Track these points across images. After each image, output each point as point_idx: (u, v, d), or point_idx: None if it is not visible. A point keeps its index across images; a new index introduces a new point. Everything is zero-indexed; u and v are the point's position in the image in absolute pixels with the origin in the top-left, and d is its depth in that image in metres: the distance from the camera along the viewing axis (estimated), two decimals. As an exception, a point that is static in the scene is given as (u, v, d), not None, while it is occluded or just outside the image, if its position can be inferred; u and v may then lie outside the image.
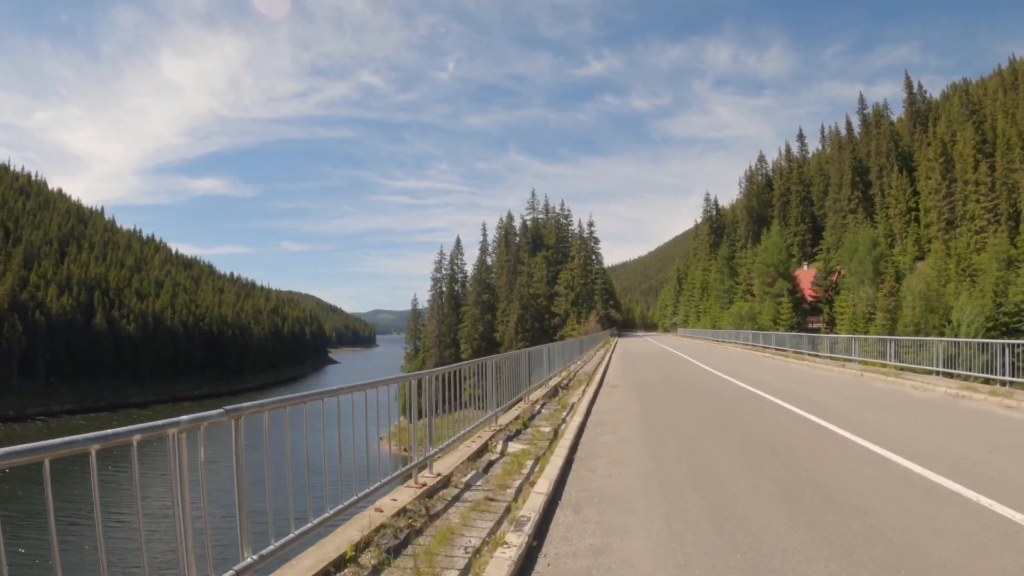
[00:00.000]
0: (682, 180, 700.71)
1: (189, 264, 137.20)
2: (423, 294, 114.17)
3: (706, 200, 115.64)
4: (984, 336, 34.49)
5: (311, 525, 3.96)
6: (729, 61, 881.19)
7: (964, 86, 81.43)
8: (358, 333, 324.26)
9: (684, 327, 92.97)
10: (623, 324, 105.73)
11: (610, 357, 31.06)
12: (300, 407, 4.13)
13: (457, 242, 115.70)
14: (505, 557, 4.16)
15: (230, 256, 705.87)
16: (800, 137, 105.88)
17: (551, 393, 14.26)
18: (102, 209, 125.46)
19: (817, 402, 12.59)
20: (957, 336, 33.07)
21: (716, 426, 10.01)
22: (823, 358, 26.02)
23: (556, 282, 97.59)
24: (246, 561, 3.27)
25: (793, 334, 38.24)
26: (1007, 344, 13.83)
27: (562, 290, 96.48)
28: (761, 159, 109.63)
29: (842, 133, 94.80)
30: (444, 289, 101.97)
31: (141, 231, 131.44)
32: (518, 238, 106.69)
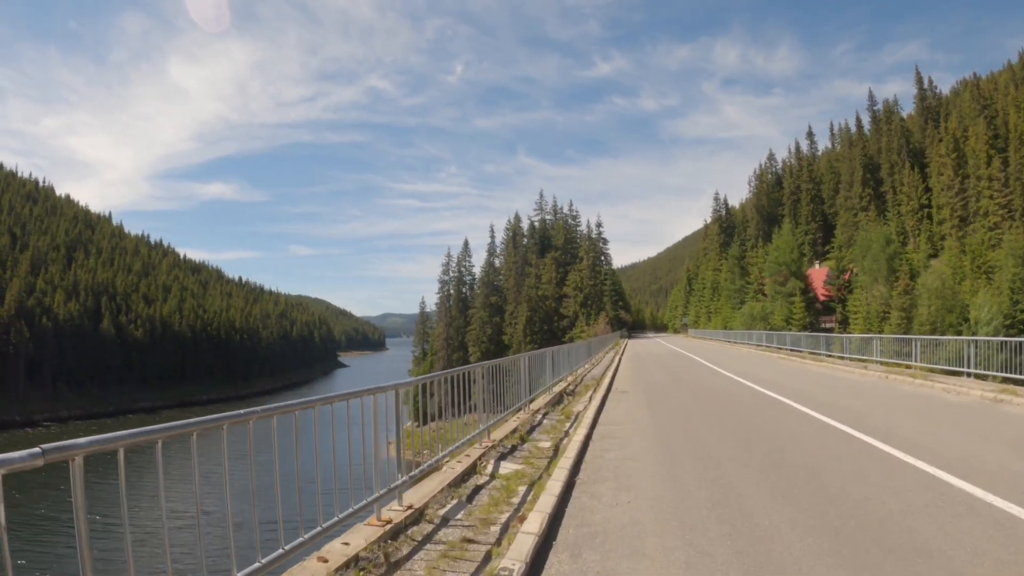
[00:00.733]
0: (691, 180, 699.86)
1: (197, 269, 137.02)
2: (431, 297, 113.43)
3: (715, 199, 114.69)
4: (1005, 335, 33.31)
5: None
6: (737, 61, 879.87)
7: (975, 81, 79.91)
8: (368, 337, 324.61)
9: (694, 328, 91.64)
10: (633, 326, 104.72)
11: (619, 360, 30.05)
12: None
13: (465, 244, 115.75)
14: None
15: (239, 261, 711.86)
16: (810, 135, 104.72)
17: (555, 400, 13.25)
18: (109, 214, 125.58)
19: (846, 409, 11.49)
20: (975, 335, 31.95)
21: (737, 440, 8.91)
22: (842, 359, 24.93)
23: (565, 284, 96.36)
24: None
25: (809, 334, 37.25)
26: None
27: (571, 292, 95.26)
28: (771, 157, 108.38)
29: (852, 130, 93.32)
30: (451, 292, 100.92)
31: (149, 236, 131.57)
32: (526, 240, 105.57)
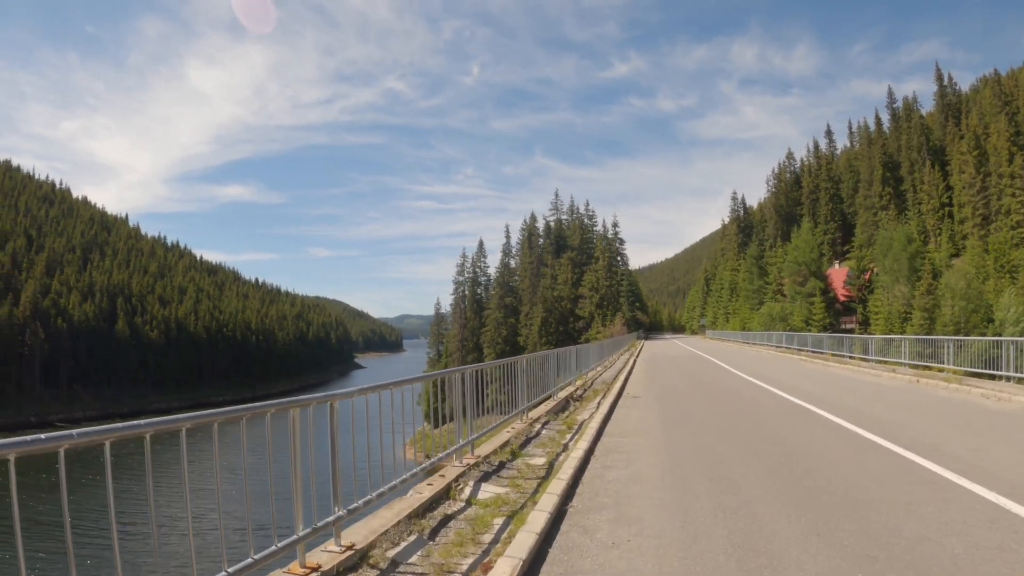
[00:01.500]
0: (710, 181, 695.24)
1: (213, 270, 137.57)
2: (447, 299, 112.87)
3: (733, 199, 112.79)
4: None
5: None
6: (755, 61, 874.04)
7: (995, 77, 78.00)
8: (385, 338, 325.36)
9: (712, 329, 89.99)
10: (650, 327, 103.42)
11: (634, 362, 29.01)
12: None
13: (480, 245, 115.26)
14: None
15: (257, 263, 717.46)
16: (828, 134, 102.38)
17: (559, 407, 12.23)
18: (126, 216, 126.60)
19: (880, 419, 10.35)
20: (1000, 336, 30.63)
21: (761, 459, 7.78)
22: (868, 361, 23.70)
23: (580, 284, 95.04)
24: None
25: (831, 335, 36.07)
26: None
27: (587, 292, 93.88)
28: (789, 156, 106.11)
29: (871, 128, 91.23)
30: (466, 293, 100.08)
31: (165, 238, 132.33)
32: (541, 240, 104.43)
